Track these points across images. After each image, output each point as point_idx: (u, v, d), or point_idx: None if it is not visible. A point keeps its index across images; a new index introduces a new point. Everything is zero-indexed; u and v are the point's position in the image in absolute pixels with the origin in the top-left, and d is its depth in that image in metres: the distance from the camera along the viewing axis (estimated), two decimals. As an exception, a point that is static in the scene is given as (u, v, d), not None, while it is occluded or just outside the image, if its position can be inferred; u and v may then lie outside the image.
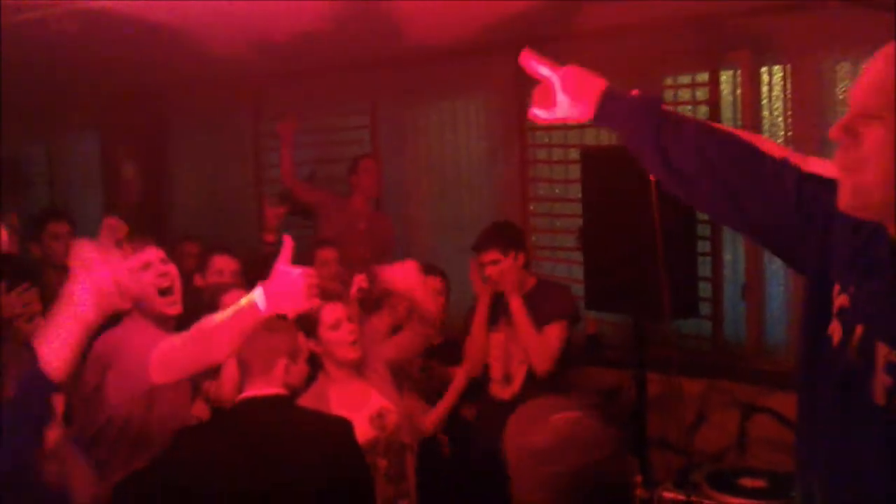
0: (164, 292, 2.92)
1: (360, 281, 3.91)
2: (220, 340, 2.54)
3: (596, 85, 1.90)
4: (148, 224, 6.21)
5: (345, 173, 5.62)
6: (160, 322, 2.92)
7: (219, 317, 2.58)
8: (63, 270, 4.18)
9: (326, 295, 3.27)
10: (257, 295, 2.47)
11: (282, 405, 2.72)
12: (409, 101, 5.91)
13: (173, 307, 2.94)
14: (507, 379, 4.05)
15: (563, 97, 1.90)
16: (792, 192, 1.60)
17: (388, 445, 3.23)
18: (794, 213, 1.60)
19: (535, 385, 3.92)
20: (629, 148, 1.86)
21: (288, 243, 2.54)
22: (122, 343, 2.79)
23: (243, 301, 2.50)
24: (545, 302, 4.02)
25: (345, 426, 2.78)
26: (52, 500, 2.37)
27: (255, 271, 3.05)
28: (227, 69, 5.94)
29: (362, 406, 3.17)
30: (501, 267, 3.99)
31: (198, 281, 4.07)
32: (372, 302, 3.97)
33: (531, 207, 5.36)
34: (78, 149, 7.95)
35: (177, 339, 2.65)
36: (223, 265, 4.07)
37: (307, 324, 3.21)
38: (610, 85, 1.90)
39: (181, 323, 2.88)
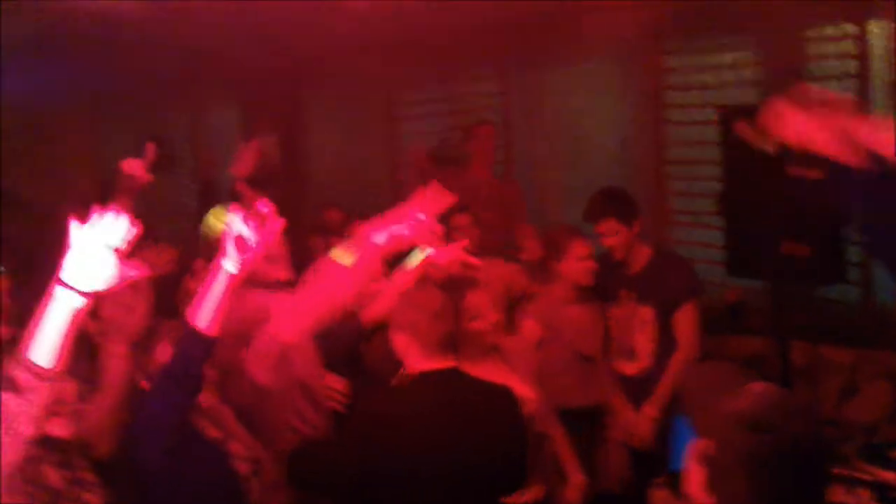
0: (271, 258, 2.91)
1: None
2: (345, 282, 2.58)
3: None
4: (286, 195, 6.38)
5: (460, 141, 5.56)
6: (268, 288, 2.91)
7: (338, 259, 2.62)
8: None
9: (469, 284, 3.31)
10: (378, 235, 2.52)
11: (455, 377, 2.75)
12: (541, 66, 5.83)
13: (282, 272, 2.96)
14: (629, 354, 3.97)
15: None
16: None
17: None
18: None
19: (665, 361, 3.86)
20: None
21: (420, 192, 2.56)
22: (246, 313, 2.79)
23: (363, 239, 2.55)
24: (670, 278, 3.90)
25: (511, 395, 2.81)
26: (215, 458, 2.50)
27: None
28: (359, 41, 6.01)
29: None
30: (618, 239, 3.87)
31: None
32: (543, 269, 3.97)
33: (667, 171, 5.21)
34: (220, 122, 8.26)
35: (298, 294, 2.70)
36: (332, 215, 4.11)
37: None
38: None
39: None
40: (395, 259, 2.97)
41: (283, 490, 2.71)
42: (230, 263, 2.32)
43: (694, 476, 1.64)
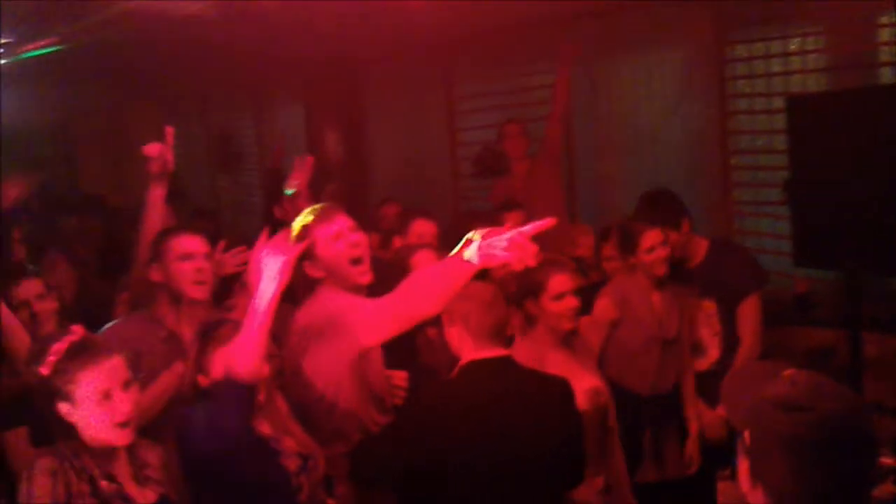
0: (355, 261, 2.91)
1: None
2: (432, 294, 2.54)
3: None
4: (350, 191, 6.46)
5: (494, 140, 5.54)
6: (352, 290, 2.91)
7: (430, 271, 2.62)
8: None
9: (556, 264, 3.32)
10: (470, 247, 2.44)
11: (508, 366, 2.76)
12: (601, 57, 5.80)
13: (364, 276, 2.93)
14: (696, 349, 3.93)
15: None
16: None
17: (594, 422, 3.22)
18: None
19: (732, 353, 3.81)
20: None
21: (512, 215, 2.53)
22: (325, 312, 2.83)
23: (455, 254, 2.49)
24: (731, 270, 3.84)
25: (565, 387, 2.81)
26: (265, 455, 2.54)
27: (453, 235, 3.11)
28: (418, 37, 6.05)
29: (579, 379, 3.17)
30: (673, 242, 3.79)
31: (397, 242, 4.17)
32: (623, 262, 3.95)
33: (732, 161, 5.14)
34: (284, 120, 8.40)
35: (385, 299, 2.68)
36: (423, 229, 4.10)
37: (531, 286, 3.25)
38: None
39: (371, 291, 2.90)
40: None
41: (341, 486, 2.73)
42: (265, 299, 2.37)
43: (740, 467, 1.64)
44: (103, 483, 2.21)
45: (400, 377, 3.16)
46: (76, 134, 10.16)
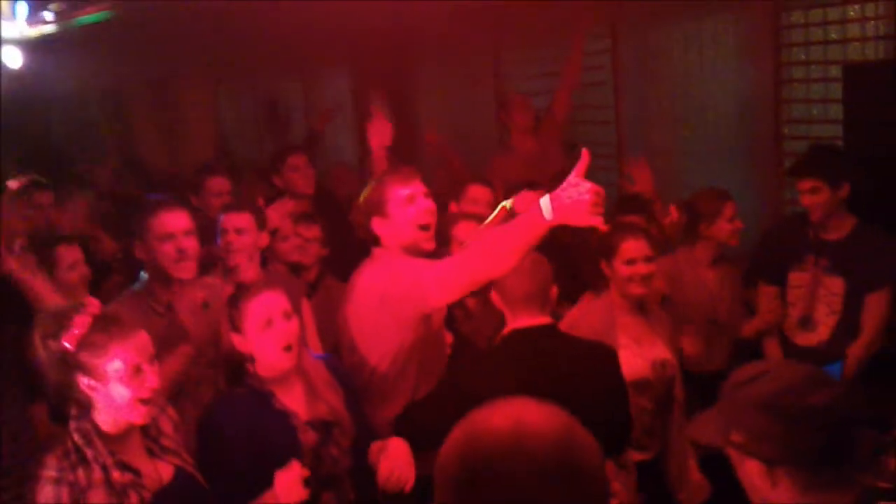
0: (423, 227, 2.92)
1: (673, 213, 3.92)
2: (505, 251, 2.52)
3: None
4: (399, 158, 6.45)
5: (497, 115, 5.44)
6: (412, 255, 2.91)
7: (502, 228, 2.60)
8: (306, 199, 4.51)
9: (630, 228, 3.30)
10: (544, 204, 2.40)
11: (550, 334, 2.76)
12: (653, 22, 5.69)
13: (429, 242, 2.94)
14: (806, 323, 3.78)
15: None
16: None
17: (657, 393, 3.22)
18: None
19: (845, 338, 3.66)
20: None
21: (585, 156, 2.45)
22: (389, 273, 2.83)
23: (530, 211, 2.46)
24: (874, 255, 3.62)
25: (610, 353, 2.80)
26: (283, 428, 2.54)
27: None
28: (467, 6, 5.99)
29: (647, 348, 3.15)
30: (819, 199, 3.62)
31: (452, 208, 4.17)
32: (687, 232, 3.91)
33: (785, 130, 5.03)
34: (331, 86, 8.41)
35: (455, 259, 2.69)
36: (478, 195, 4.08)
37: (604, 248, 3.25)
38: None
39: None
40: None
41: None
42: None
43: (749, 471, 1.63)
44: (115, 474, 2.16)
45: (446, 336, 3.19)
46: (128, 101, 10.30)
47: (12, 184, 4.35)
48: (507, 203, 3.08)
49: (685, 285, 3.78)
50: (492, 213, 3.20)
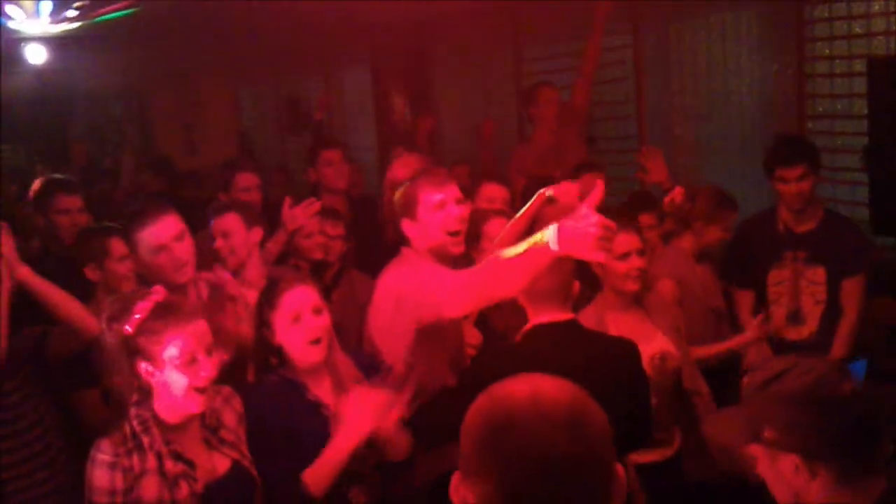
0: (453, 234, 2.90)
1: (677, 194, 3.84)
2: (512, 276, 2.52)
3: None
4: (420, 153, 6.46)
5: (522, 105, 5.37)
6: (441, 258, 2.90)
7: (512, 252, 2.61)
8: (339, 194, 4.53)
9: (620, 223, 3.28)
10: (550, 234, 2.38)
11: (572, 330, 2.75)
12: (674, 17, 5.66)
13: (458, 247, 2.92)
14: (794, 317, 3.79)
15: None
16: None
17: (660, 388, 3.18)
18: None
19: (832, 327, 3.69)
20: None
21: (599, 187, 2.41)
22: (411, 278, 2.83)
23: (536, 238, 2.44)
24: (845, 241, 3.68)
25: (631, 349, 2.79)
26: (314, 419, 2.55)
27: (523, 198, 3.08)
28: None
29: (643, 342, 3.14)
30: (806, 186, 3.65)
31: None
32: (680, 220, 3.89)
33: (809, 126, 4.99)
34: (352, 82, 8.43)
35: (468, 274, 2.68)
36: (494, 193, 4.06)
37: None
38: None
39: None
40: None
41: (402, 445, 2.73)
42: None
43: (783, 469, 1.64)
44: (168, 463, 2.18)
45: (473, 336, 3.18)
46: (149, 97, 10.37)
47: (37, 184, 4.32)
48: (548, 192, 3.06)
49: (687, 283, 3.76)
50: (506, 211, 3.19)
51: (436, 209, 2.87)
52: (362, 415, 2.42)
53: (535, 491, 1.16)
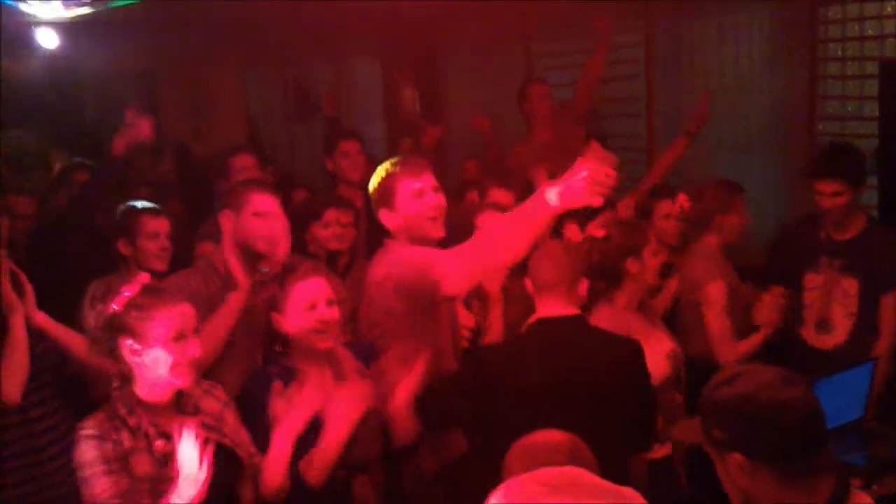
0: (432, 220, 2.93)
1: (682, 200, 3.84)
2: (511, 239, 2.54)
3: None
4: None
5: (516, 101, 5.29)
6: (423, 243, 2.92)
7: (510, 216, 2.61)
8: (354, 186, 4.53)
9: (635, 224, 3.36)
10: (549, 189, 2.42)
11: (577, 326, 2.76)
12: (687, 15, 5.65)
13: (438, 231, 2.94)
14: (823, 325, 3.72)
15: None
16: None
17: (667, 385, 3.18)
18: None
19: (864, 340, 3.59)
20: None
21: (594, 145, 2.45)
22: (403, 264, 2.83)
23: (534, 197, 2.48)
24: (886, 254, 3.55)
25: (635, 348, 2.79)
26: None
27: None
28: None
29: (656, 343, 3.14)
30: (841, 202, 3.53)
31: (471, 197, 4.14)
32: (696, 221, 3.85)
33: (819, 127, 4.99)
34: (362, 71, 8.42)
35: (465, 248, 2.68)
36: (501, 199, 3.96)
37: (625, 251, 3.23)
38: None
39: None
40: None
41: (409, 431, 2.74)
42: None
43: (729, 466, 1.72)
44: (158, 443, 2.20)
45: (467, 318, 3.19)
46: (158, 83, 10.37)
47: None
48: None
49: (725, 272, 3.70)
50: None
51: (414, 197, 2.89)
52: (351, 404, 2.47)
53: None
